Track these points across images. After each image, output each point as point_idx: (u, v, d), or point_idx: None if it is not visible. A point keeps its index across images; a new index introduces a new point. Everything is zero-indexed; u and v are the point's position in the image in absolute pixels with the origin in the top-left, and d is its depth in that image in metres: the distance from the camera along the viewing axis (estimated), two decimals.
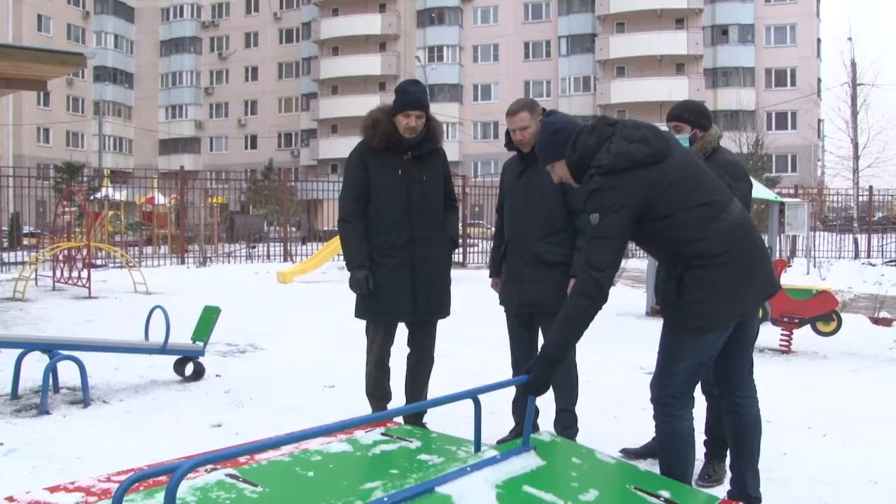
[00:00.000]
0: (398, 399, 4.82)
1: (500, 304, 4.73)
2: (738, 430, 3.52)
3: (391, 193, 4.48)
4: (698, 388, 3.79)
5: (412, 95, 4.47)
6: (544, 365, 3.06)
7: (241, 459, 2.70)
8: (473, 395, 2.62)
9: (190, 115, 63.05)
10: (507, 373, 4.83)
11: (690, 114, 4.23)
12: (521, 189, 4.52)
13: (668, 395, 3.30)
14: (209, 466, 2.56)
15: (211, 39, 63.30)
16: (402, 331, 4.74)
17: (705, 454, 4.24)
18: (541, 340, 4.62)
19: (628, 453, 4.49)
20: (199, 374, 6.29)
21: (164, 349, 6.01)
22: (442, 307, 4.68)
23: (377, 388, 4.69)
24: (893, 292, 12.04)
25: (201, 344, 6.26)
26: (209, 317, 6.42)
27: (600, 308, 3.11)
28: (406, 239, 4.47)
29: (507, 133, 4.60)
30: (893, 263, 22.35)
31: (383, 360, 4.68)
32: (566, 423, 4.52)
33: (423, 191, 4.53)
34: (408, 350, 4.78)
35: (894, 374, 7.13)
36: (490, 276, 4.89)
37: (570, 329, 3.12)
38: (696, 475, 4.12)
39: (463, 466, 2.37)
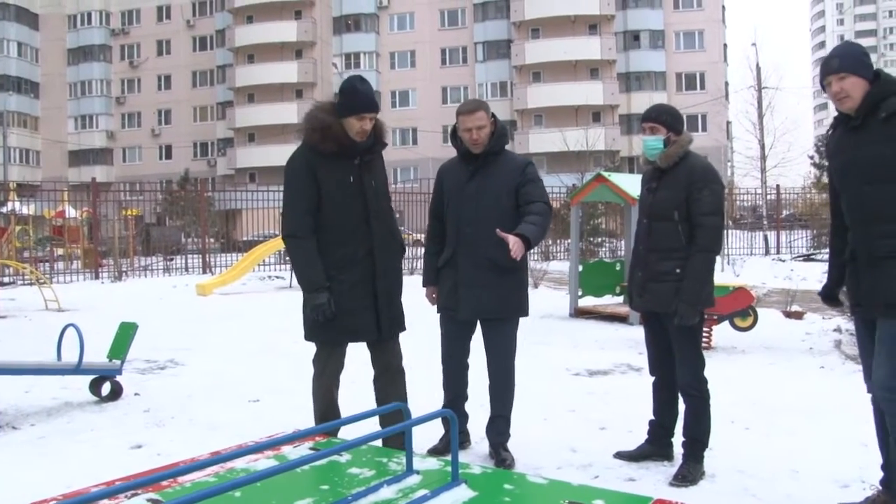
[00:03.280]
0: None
1: (440, 310, 4.59)
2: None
3: (347, 202, 4.07)
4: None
5: (365, 97, 4.08)
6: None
7: (164, 483, 2.59)
8: (408, 426, 2.59)
9: (101, 126, 61.21)
10: (431, 375, 4.77)
11: (668, 117, 4.31)
12: (472, 193, 4.41)
13: None
14: (129, 492, 2.45)
15: (121, 47, 61.59)
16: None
17: (683, 455, 4.26)
18: (475, 341, 4.57)
19: (622, 455, 4.50)
20: (116, 393, 6.06)
21: (78, 369, 5.76)
22: (402, 320, 4.32)
23: (334, 415, 4.26)
24: (803, 286, 12.46)
25: (118, 362, 6.03)
26: (126, 333, 6.20)
27: None
28: (366, 250, 4.09)
29: (453, 134, 4.50)
30: (802, 259, 23.20)
31: (336, 388, 4.28)
32: (499, 429, 4.48)
33: (377, 196, 4.19)
34: (372, 369, 4.40)
35: (808, 366, 7.37)
36: (425, 285, 4.71)
37: None
38: (671, 476, 4.16)
39: None
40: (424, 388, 4.90)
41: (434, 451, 4.37)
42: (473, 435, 4.75)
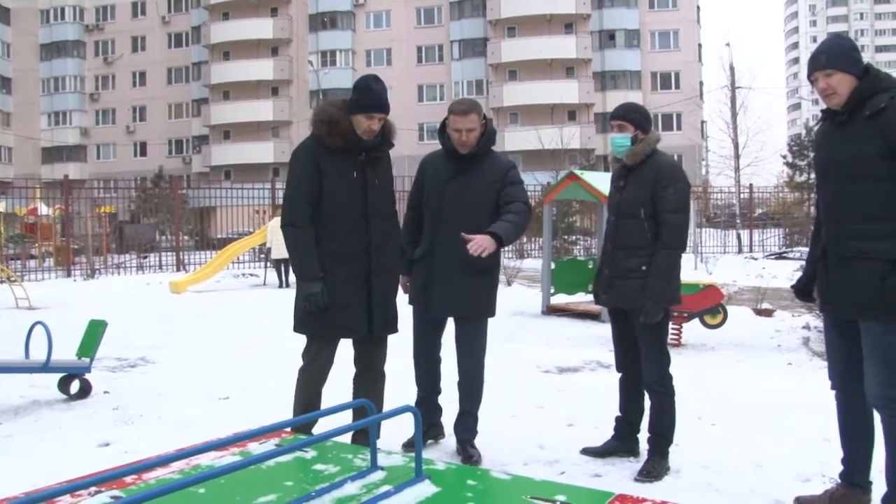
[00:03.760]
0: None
1: (410, 302, 4.59)
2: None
3: (348, 196, 4.06)
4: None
5: (378, 97, 4.07)
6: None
7: (128, 479, 2.59)
8: (372, 423, 2.61)
9: (75, 122, 60.56)
10: (406, 371, 4.79)
11: (636, 115, 4.35)
12: (454, 191, 4.41)
13: None
14: (93, 489, 2.45)
15: (96, 43, 60.97)
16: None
17: (648, 450, 4.31)
18: (446, 338, 4.60)
19: (588, 451, 4.54)
20: (85, 391, 6.02)
21: (46, 367, 5.73)
22: (395, 321, 4.30)
23: (314, 410, 4.11)
24: (774, 284, 12.60)
25: (87, 360, 6.00)
26: (95, 331, 6.17)
27: None
28: (362, 246, 4.07)
29: (442, 131, 4.51)
30: (774, 257, 23.44)
31: (321, 384, 4.18)
32: (466, 425, 4.51)
33: (378, 194, 4.18)
34: (354, 367, 4.36)
35: (776, 363, 7.46)
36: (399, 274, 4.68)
37: None
38: (636, 471, 4.20)
39: None
40: (401, 384, 4.92)
41: (408, 445, 4.39)
42: (445, 429, 4.77)
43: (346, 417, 4.21)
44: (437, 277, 4.42)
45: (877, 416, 3.53)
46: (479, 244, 4.06)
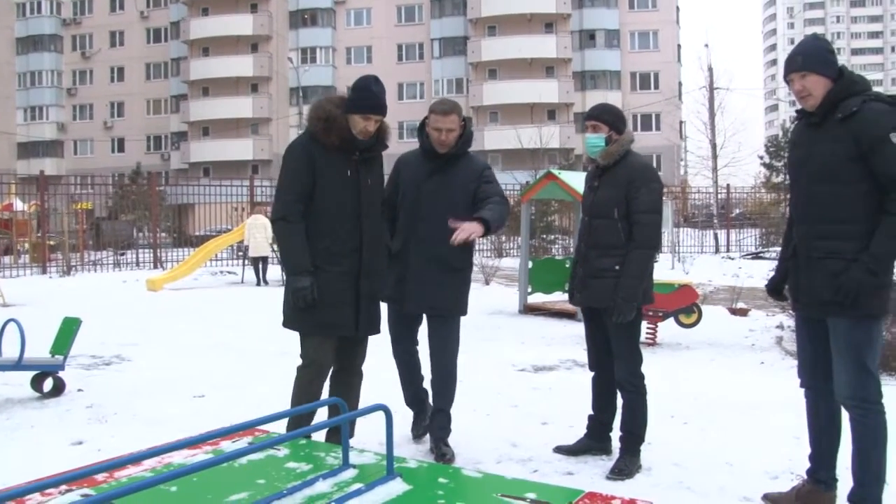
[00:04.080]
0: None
1: (384, 300, 4.56)
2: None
3: (341, 195, 4.05)
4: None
5: (375, 99, 4.07)
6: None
7: (99, 478, 2.58)
8: (343, 421, 2.62)
9: (51, 117, 59.96)
10: (381, 370, 4.81)
11: (610, 116, 4.39)
12: (431, 190, 4.43)
13: (877, 392, 3.43)
14: (63, 487, 2.44)
15: (73, 38, 60.41)
16: None
17: (620, 449, 4.34)
18: (420, 335, 4.63)
19: (561, 450, 4.57)
20: (59, 389, 5.99)
21: (18, 364, 5.69)
22: (379, 321, 4.30)
23: (308, 415, 4.05)
24: (749, 284, 12.70)
25: (60, 357, 5.96)
26: (69, 328, 6.13)
27: None
28: (354, 245, 4.07)
29: (421, 130, 4.53)
30: (750, 257, 23.62)
31: (320, 382, 4.14)
32: (440, 423, 4.53)
33: (371, 194, 4.17)
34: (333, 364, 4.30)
35: (749, 362, 7.54)
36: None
37: None
38: (608, 469, 4.24)
39: (328, 502, 2.36)
40: (378, 383, 4.93)
41: (417, 436, 4.63)
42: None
43: (322, 416, 4.23)
44: (411, 275, 4.44)
45: (844, 414, 3.59)
46: (467, 230, 4.07)
